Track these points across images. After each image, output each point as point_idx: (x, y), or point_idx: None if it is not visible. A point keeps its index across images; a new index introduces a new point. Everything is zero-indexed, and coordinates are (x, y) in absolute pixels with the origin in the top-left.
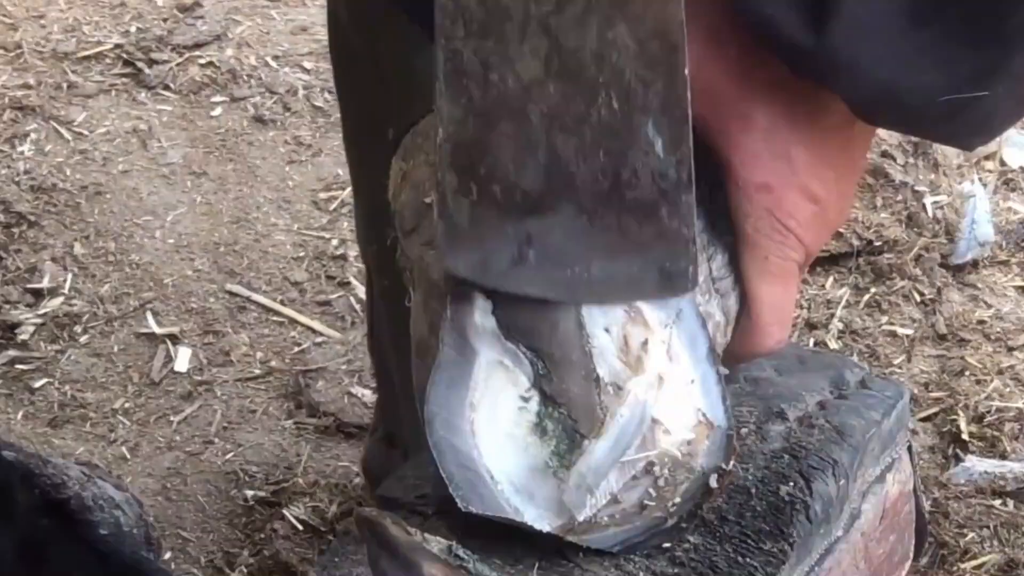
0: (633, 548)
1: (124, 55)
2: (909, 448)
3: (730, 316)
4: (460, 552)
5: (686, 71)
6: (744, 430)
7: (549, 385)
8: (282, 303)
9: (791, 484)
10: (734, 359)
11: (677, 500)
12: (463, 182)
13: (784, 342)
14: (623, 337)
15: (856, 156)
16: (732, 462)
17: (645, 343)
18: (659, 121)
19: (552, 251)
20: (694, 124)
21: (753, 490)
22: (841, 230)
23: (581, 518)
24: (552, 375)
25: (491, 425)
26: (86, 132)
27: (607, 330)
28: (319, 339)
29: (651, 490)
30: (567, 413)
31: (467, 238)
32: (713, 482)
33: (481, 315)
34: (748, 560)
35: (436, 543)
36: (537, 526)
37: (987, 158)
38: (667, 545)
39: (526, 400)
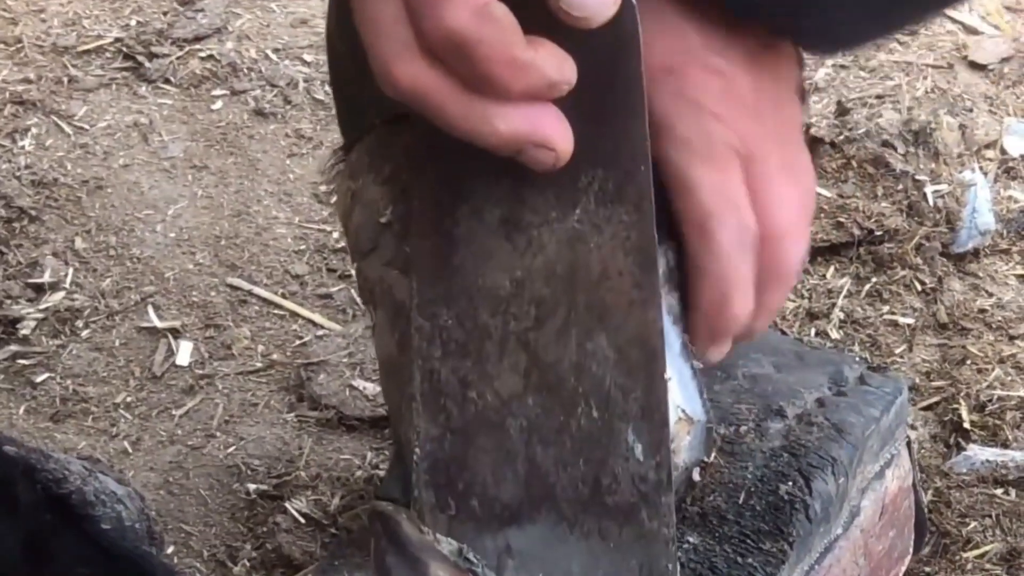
0: None
1: (124, 49)
2: (908, 443)
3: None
4: (470, 555)
5: (664, 374)
6: (743, 428)
7: None
8: (283, 296)
9: (790, 483)
10: (708, 303)
11: None
12: (441, 498)
13: (744, 237)
14: None
15: (758, 31)
16: (713, 454)
17: None
18: (639, 426)
19: (531, 560)
20: None
21: (752, 489)
22: (842, 220)
23: None
24: None
25: None
26: (87, 126)
27: None
28: (320, 332)
29: None
30: None
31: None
32: (696, 476)
33: None
34: (748, 560)
35: (447, 544)
36: None
37: (987, 147)
38: None
39: None
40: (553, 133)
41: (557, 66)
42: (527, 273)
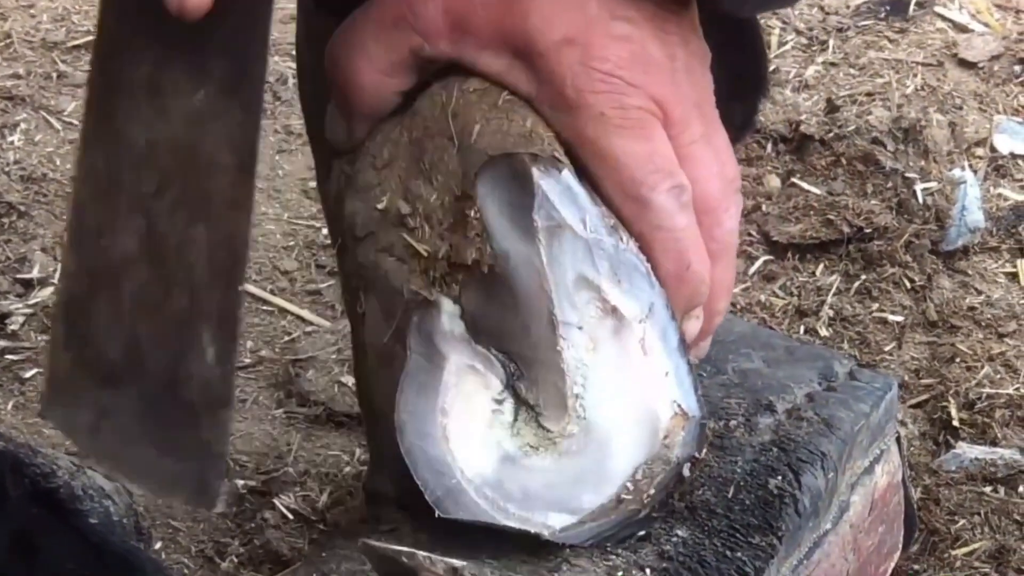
0: (605, 540)
1: None
2: (898, 439)
3: None
4: (466, 573)
5: (241, 288)
6: (732, 422)
7: (523, 386)
8: (272, 292)
9: (780, 477)
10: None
11: (651, 492)
12: (68, 337)
13: (682, 197)
14: (596, 333)
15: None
16: (704, 450)
17: (619, 339)
18: (214, 331)
19: (119, 430)
20: (489, 30)
21: (742, 483)
22: (831, 217)
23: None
24: (525, 376)
25: (464, 429)
26: (76, 122)
27: (580, 327)
28: (309, 328)
29: (629, 484)
30: (540, 412)
31: (63, 393)
32: (686, 471)
33: (449, 320)
34: (736, 554)
35: (441, 564)
36: (515, 527)
37: (977, 144)
38: (641, 533)
39: (499, 403)
40: None
41: None
42: (158, 138)
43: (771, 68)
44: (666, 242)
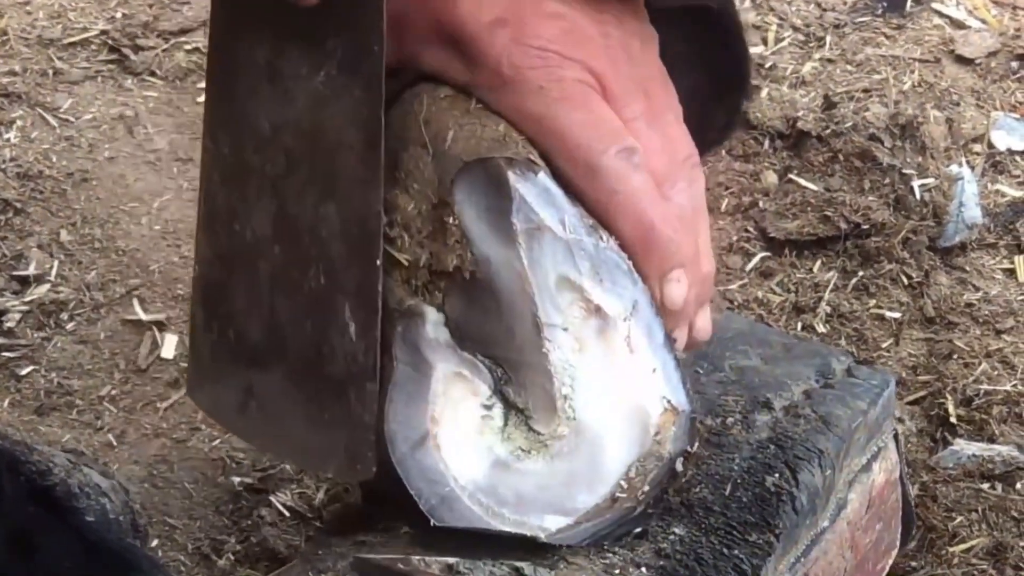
0: (602, 539)
1: (110, 41)
2: (895, 436)
3: None
4: (460, 568)
5: (379, 262)
6: (730, 420)
7: (510, 390)
8: None
9: (777, 475)
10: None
11: (646, 488)
12: (207, 320)
13: (632, 158)
14: (581, 333)
15: None
16: (696, 444)
17: (604, 338)
18: (354, 305)
19: (266, 408)
20: (424, 26)
21: (739, 481)
22: (828, 213)
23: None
24: (513, 380)
25: (455, 436)
26: (72, 119)
27: (565, 328)
28: None
29: (623, 482)
30: (529, 415)
31: (207, 375)
32: (679, 466)
33: (433, 328)
34: (734, 552)
35: (436, 564)
36: (511, 531)
37: (975, 141)
38: (638, 531)
39: (488, 408)
40: None
41: None
42: (282, 121)
43: (768, 64)
44: (624, 205)
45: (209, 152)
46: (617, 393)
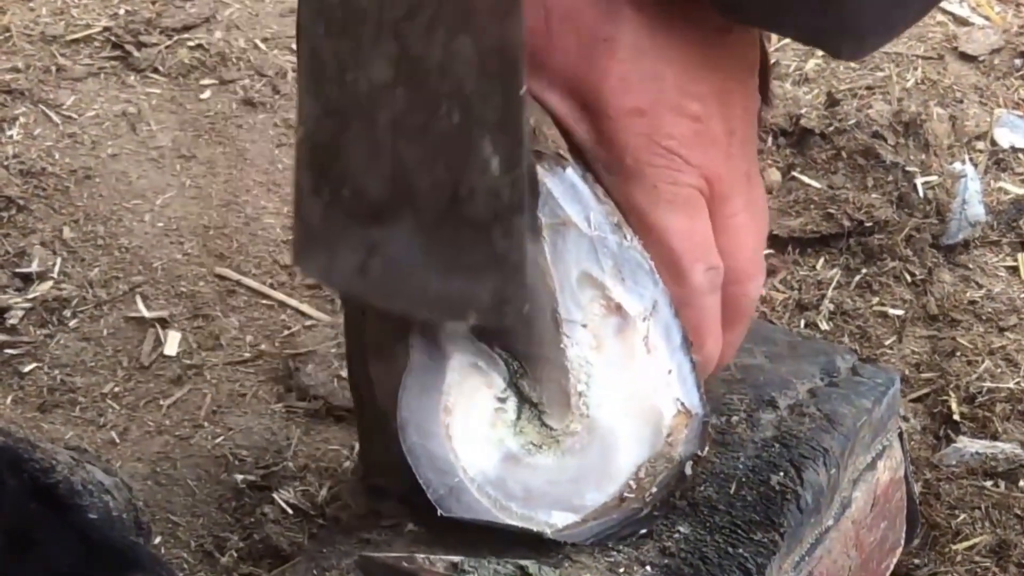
0: (606, 539)
1: (113, 38)
2: (900, 435)
3: None
4: (465, 566)
5: (523, 92)
6: (735, 418)
7: (526, 384)
8: (272, 286)
9: (782, 473)
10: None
11: (654, 490)
12: (317, 183)
13: (715, 279)
14: (600, 331)
15: (734, 67)
16: (706, 448)
17: (623, 337)
18: (496, 139)
19: (393, 263)
20: (562, 74)
21: (744, 479)
22: (832, 211)
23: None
24: (529, 374)
25: (467, 428)
26: (75, 116)
27: (584, 325)
28: (309, 322)
29: (631, 482)
30: (543, 410)
31: (318, 240)
32: (688, 469)
33: None
34: (738, 550)
35: (441, 562)
36: (518, 525)
37: (978, 138)
38: (643, 532)
39: (502, 401)
40: None
41: None
42: None
43: (771, 62)
44: (690, 320)
45: (311, 6)
46: (632, 392)
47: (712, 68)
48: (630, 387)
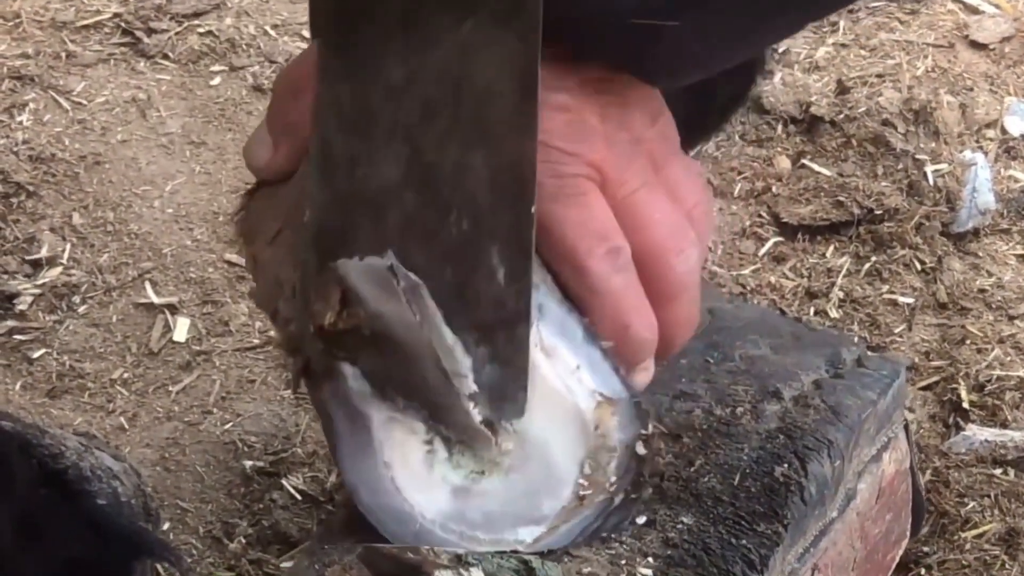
0: (595, 534)
1: (123, 24)
2: (905, 427)
3: None
4: (469, 559)
5: (533, 209)
6: (739, 409)
7: (441, 428)
8: None
9: (786, 465)
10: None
11: (612, 479)
12: (322, 265)
13: (616, 259)
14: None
15: (590, 65)
16: (651, 424)
17: None
18: (503, 251)
19: None
20: None
21: (747, 471)
22: (841, 199)
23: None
24: (439, 419)
25: (410, 475)
26: (85, 102)
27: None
28: None
29: (581, 480)
30: (468, 446)
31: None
32: (640, 449)
33: (356, 381)
34: (742, 542)
35: (445, 554)
36: (490, 550)
37: (988, 126)
38: (642, 521)
39: (430, 443)
40: None
41: None
42: (420, 69)
43: (781, 49)
44: (603, 306)
45: (324, 100)
46: (547, 399)
47: (578, 62)
48: (543, 395)
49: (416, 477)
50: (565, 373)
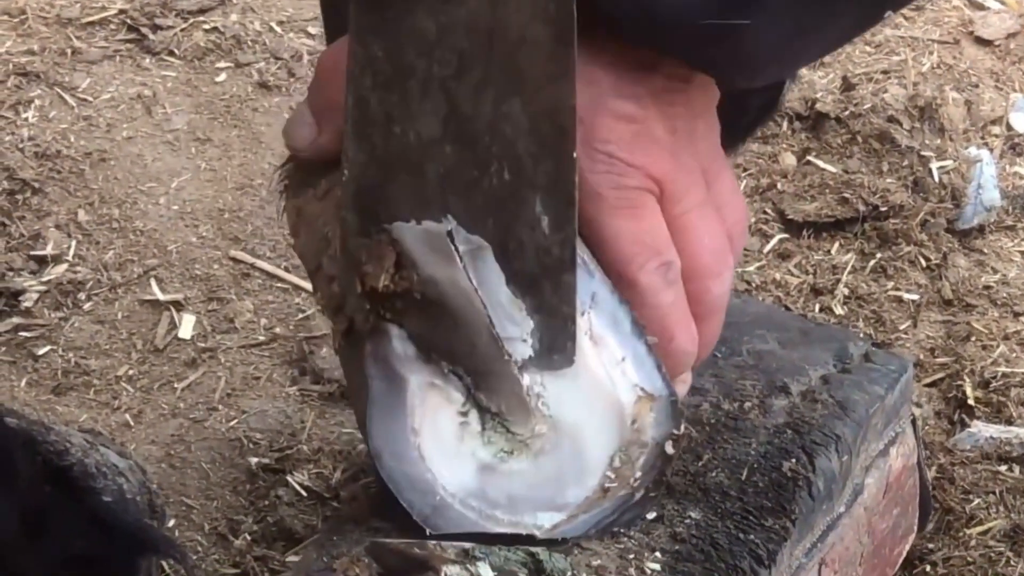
0: (608, 527)
1: (128, 20)
2: (913, 421)
3: None
4: (476, 552)
5: (575, 154)
6: (747, 404)
7: (483, 396)
8: (286, 270)
9: (793, 460)
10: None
11: (638, 475)
12: (363, 224)
13: (668, 275)
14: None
15: (661, 69)
16: (683, 426)
17: None
18: (546, 199)
19: None
20: None
21: (755, 466)
22: (847, 195)
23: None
24: (483, 386)
25: (438, 445)
26: (90, 98)
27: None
28: None
29: (609, 472)
30: (505, 418)
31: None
32: (669, 448)
33: (400, 343)
34: (749, 536)
35: (452, 549)
36: (507, 531)
37: (993, 123)
38: (651, 516)
39: (465, 414)
40: None
41: None
42: (451, 21)
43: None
44: (650, 318)
45: (358, 58)
46: (588, 386)
47: (647, 69)
48: (584, 381)
49: (444, 448)
50: (610, 364)
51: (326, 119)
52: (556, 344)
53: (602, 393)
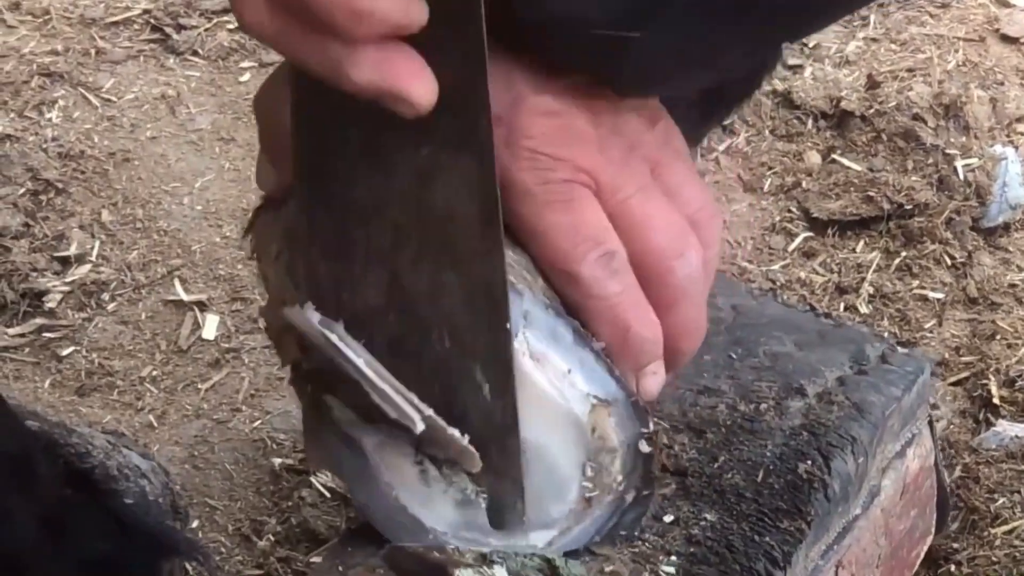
0: (613, 532)
1: (152, 21)
2: (930, 423)
3: None
4: (494, 557)
5: (508, 325)
6: (763, 406)
7: (428, 449)
8: None
9: (809, 462)
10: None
11: (619, 478)
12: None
13: (611, 263)
14: None
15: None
16: (651, 422)
17: None
18: (486, 367)
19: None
20: None
21: (771, 468)
22: (871, 194)
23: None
24: (424, 442)
25: (411, 493)
26: (114, 98)
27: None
28: None
29: (586, 483)
30: (455, 463)
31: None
32: (644, 447)
33: (340, 411)
34: (765, 539)
35: (470, 553)
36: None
37: (1019, 120)
38: (668, 519)
39: (420, 463)
40: (409, 86)
41: (402, 9)
42: (385, 196)
43: (812, 43)
44: (600, 311)
45: (303, 228)
46: (539, 405)
47: (564, 69)
48: (537, 402)
49: (418, 494)
50: (556, 378)
51: (281, 161)
52: (507, 503)
53: (555, 409)
